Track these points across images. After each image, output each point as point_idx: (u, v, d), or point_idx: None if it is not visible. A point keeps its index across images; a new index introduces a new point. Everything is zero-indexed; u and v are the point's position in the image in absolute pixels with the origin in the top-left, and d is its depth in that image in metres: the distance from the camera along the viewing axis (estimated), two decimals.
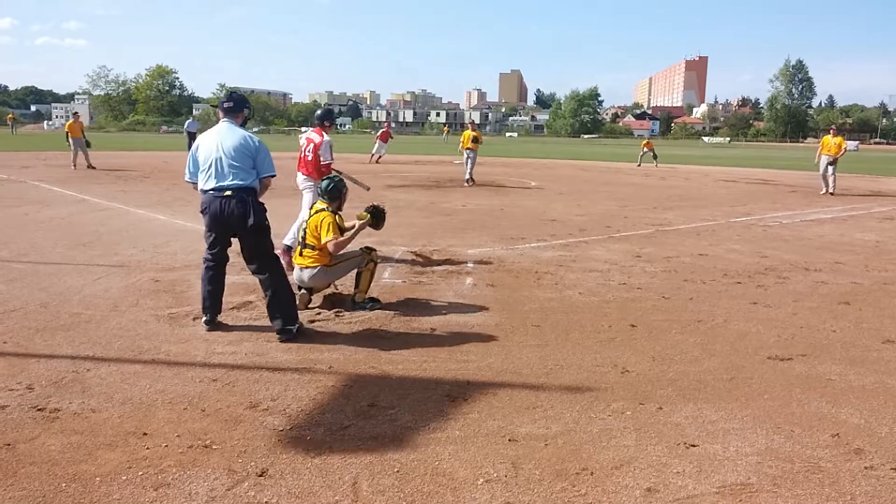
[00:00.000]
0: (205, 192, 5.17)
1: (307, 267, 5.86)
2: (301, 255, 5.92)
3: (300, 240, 6.02)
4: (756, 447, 3.53)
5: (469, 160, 19.19)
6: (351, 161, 25.90)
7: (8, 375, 4.25)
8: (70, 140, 21.99)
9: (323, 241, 5.76)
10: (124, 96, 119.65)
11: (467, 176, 19.23)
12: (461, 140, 19.79)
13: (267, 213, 5.26)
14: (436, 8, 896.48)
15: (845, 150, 18.57)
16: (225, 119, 5.34)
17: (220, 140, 5.18)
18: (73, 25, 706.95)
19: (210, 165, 5.14)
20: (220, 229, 5.21)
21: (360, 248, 6.15)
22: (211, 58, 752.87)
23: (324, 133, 7.96)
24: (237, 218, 5.08)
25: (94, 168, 21.58)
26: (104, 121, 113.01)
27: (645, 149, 32.07)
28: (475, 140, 19.06)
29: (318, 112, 8.39)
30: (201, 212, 5.22)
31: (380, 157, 29.37)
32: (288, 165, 9.38)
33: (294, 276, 5.92)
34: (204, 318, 5.34)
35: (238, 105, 5.42)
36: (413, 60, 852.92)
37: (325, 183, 6.20)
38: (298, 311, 5.41)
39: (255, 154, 5.19)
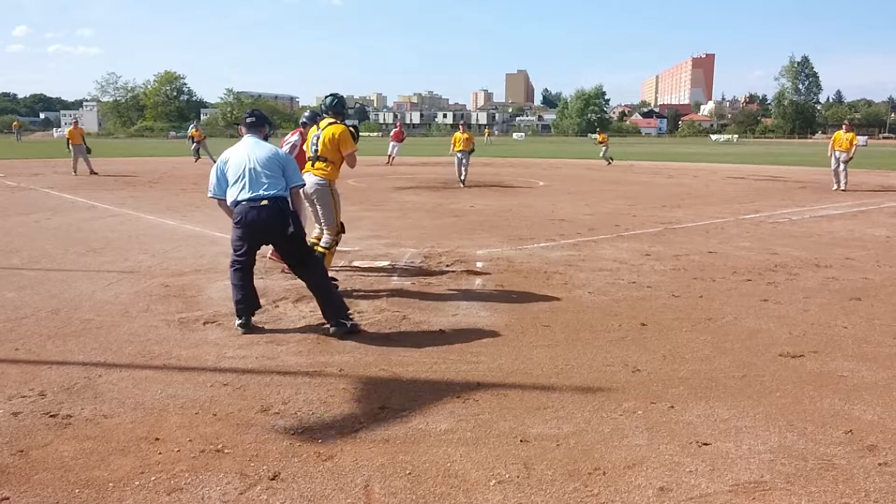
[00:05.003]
0: (238, 202, 5.26)
1: (317, 175, 6.52)
2: (314, 166, 6.56)
3: (313, 153, 6.59)
4: (769, 445, 3.51)
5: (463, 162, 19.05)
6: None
7: (20, 382, 4.28)
8: (70, 147, 22.19)
9: (347, 152, 6.52)
10: (132, 102, 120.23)
11: (464, 177, 19.11)
12: (453, 142, 19.43)
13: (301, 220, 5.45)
14: (441, 9, 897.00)
15: (856, 147, 18.28)
16: (249, 134, 5.54)
17: (249, 151, 5.36)
18: (87, 33, 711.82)
19: (242, 176, 5.27)
20: (253, 239, 5.34)
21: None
22: (218, 63, 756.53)
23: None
24: (275, 228, 5.23)
25: (96, 174, 21.66)
26: (112, 127, 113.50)
27: (601, 145, 31.00)
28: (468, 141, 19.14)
29: (308, 113, 7.71)
30: (235, 223, 5.29)
31: (393, 158, 29.70)
32: None
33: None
34: (238, 321, 5.36)
35: (260, 121, 5.66)
36: (419, 62, 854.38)
37: (328, 99, 6.72)
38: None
39: (284, 165, 5.39)
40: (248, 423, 3.74)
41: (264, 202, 5.18)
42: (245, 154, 5.35)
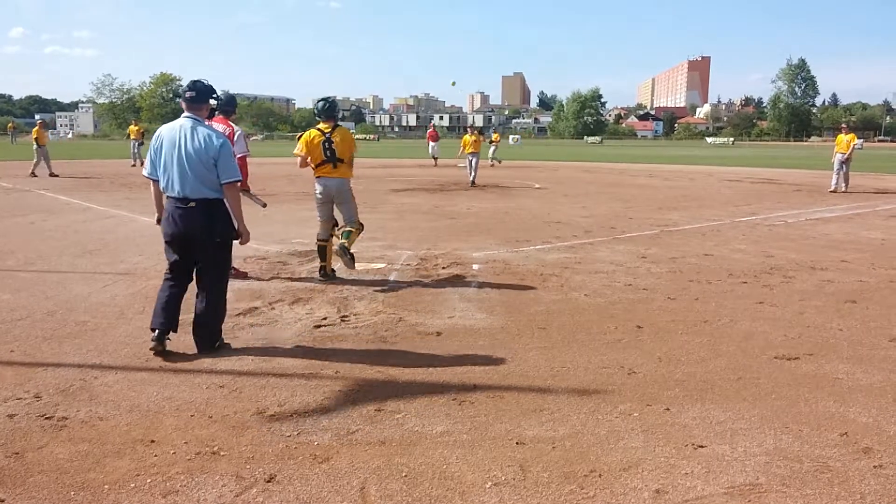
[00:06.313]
0: (167, 197, 4.79)
1: (339, 177, 7.08)
2: (335, 167, 7.02)
3: (329, 156, 6.98)
4: (764, 447, 3.51)
5: (472, 163, 19.94)
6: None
7: (15, 384, 4.26)
8: (36, 147, 21.92)
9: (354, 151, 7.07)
10: (128, 104, 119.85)
11: (473, 176, 19.94)
12: (462, 146, 20.50)
13: (233, 224, 4.95)
14: (438, 12, 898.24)
15: (853, 147, 18.95)
16: (187, 115, 4.77)
17: (180, 140, 4.69)
18: (84, 34, 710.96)
19: (171, 168, 4.71)
20: (180, 242, 4.80)
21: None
22: (216, 64, 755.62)
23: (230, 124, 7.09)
24: (201, 231, 4.75)
25: (36, 177, 21.44)
26: (108, 129, 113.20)
27: (491, 145, 30.28)
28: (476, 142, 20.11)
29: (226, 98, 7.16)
30: (164, 220, 4.84)
31: (437, 158, 30.54)
32: (289, 171, 9.37)
33: (319, 187, 7.11)
34: (153, 335, 4.80)
35: (202, 95, 4.81)
36: (416, 64, 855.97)
37: (321, 104, 7.07)
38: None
39: (216, 157, 4.69)
40: (243, 425, 3.74)
41: (191, 204, 4.69)
42: (176, 144, 4.68)
